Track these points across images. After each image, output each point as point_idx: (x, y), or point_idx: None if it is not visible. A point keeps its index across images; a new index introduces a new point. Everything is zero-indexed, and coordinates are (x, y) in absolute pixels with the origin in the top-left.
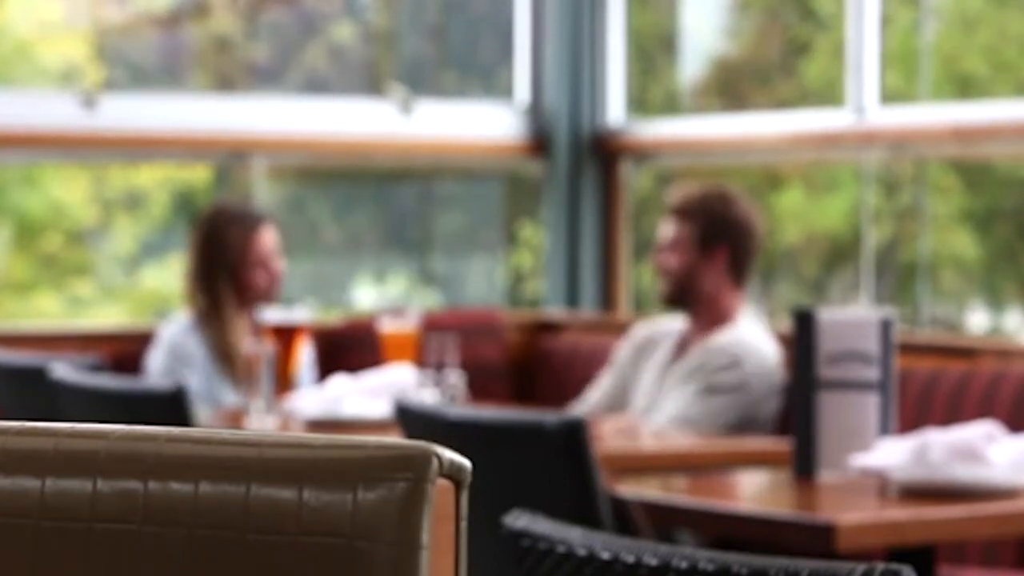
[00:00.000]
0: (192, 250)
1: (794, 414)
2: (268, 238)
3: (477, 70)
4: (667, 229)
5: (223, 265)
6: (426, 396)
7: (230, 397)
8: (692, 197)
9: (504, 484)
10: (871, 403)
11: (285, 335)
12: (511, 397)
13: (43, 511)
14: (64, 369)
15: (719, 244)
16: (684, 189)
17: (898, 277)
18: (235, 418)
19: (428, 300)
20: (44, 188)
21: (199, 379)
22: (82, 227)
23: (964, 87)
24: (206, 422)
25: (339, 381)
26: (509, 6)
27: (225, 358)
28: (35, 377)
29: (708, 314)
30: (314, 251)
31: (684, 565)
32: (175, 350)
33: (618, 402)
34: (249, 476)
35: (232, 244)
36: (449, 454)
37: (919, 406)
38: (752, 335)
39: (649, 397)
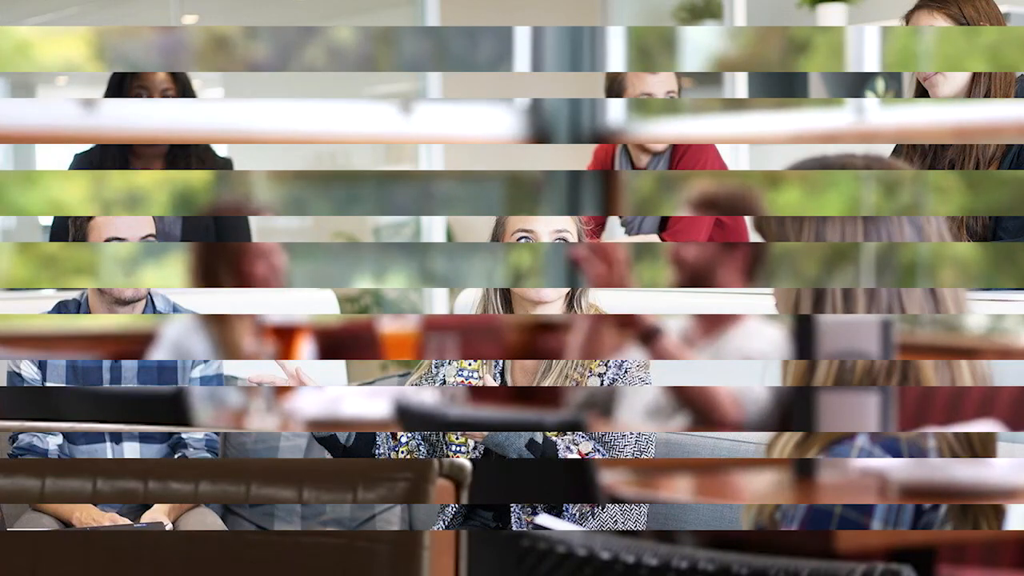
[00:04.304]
0: (192, 245)
1: (794, 414)
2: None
3: (477, 70)
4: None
5: (224, 256)
6: (426, 396)
7: (233, 396)
8: (716, 191)
9: (504, 483)
10: (871, 403)
11: (285, 335)
12: (511, 397)
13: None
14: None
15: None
16: (703, 183)
17: (898, 277)
18: (235, 418)
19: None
20: (44, 188)
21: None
22: None
23: None
24: (207, 422)
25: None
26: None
27: (228, 356)
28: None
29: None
30: (314, 251)
31: (684, 565)
32: (177, 350)
33: None
34: (249, 476)
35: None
36: None
37: (919, 406)
38: (770, 332)
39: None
